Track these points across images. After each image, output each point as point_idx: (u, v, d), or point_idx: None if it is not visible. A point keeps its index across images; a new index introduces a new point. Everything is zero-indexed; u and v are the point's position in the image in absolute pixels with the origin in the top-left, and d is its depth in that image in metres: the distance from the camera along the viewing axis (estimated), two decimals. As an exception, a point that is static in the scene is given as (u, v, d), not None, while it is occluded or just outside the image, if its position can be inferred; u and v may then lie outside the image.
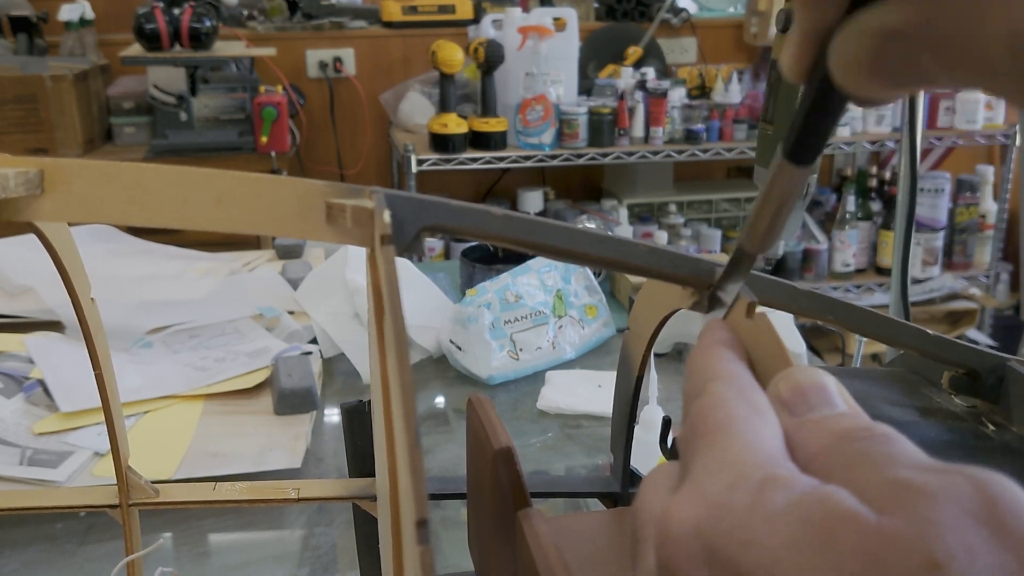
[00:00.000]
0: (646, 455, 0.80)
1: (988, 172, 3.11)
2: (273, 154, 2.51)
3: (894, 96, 0.25)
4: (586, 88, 2.81)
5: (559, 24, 2.64)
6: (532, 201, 2.92)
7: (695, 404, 0.27)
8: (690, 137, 2.71)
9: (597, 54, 2.98)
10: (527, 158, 2.63)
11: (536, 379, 1.13)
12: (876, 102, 0.25)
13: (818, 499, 0.22)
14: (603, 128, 2.64)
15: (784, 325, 1.12)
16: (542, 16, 2.65)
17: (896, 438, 0.24)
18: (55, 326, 1.18)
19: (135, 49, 2.45)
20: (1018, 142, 2.89)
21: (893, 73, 0.23)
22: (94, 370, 0.49)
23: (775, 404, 0.27)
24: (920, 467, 0.22)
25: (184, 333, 1.17)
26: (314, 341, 1.19)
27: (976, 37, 0.21)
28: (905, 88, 0.24)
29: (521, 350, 1.14)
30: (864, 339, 0.76)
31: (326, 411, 1.06)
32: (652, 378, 0.91)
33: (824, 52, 0.25)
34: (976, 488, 0.21)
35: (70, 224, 0.43)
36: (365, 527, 0.62)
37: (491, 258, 1.38)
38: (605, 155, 2.67)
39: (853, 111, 2.79)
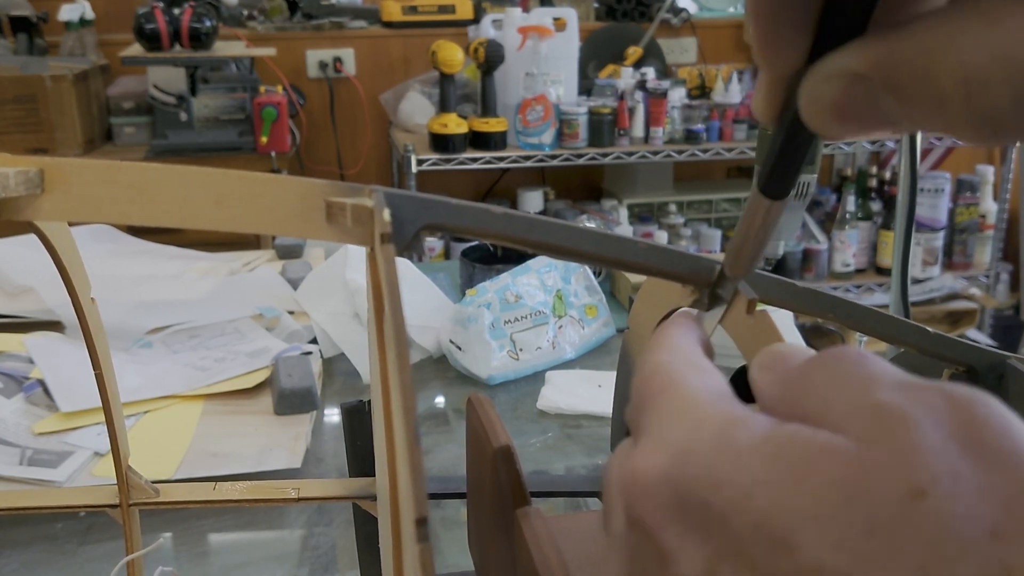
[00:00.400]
0: (646, 455, 0.79)
1: (988, 172, 3.11)
2: (273, 154, 2.51)
3: (861, 137, 0.26)
4: (586, 88, 2.82)
5: (559, 24, 2.64)
6: (532, 201, 2.92)
7: (637, 375, 0.27)
8: (690, 137, 2.71)
9: (597, 54, 2.98)
10: (527, 158, 2.64)
11: (536, 379, 1.13)
12: (843, 138, 0.26)
13: (788, 435, 0.22)
14: (603, 128, 2.64)
15: (784, 323, 1.12)
16: (542, 16, 2.65)
17: (870, 357, 0.23)
18: (55, 326, 1.18)
19: (135, 49, 2.45)
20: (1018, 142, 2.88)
21: (858, 115, 0.24)
22: (94, 370, 0.49)
23: (758, 371, 0.27)
24: (899, 387, 0.22)
25: (184, 333, 1.17)
26: (314, 341, 1.19)
27: (931, 79, 0.22)
28: (870, 130, 0.25)
29: (521, 350, 1.14)
30: (864, 338, 0.77)
31: (326, 411, 1.06)
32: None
33: (793, 93, 0.25)
34: (958, 408, 0.21)
35: (70, 224, 0.43)
36: (365, 527, 0.62)
37: (491, 258, 1.38)
38: (605, 155, 2.67)
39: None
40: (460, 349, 1.14)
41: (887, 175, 3.09)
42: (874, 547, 0.20)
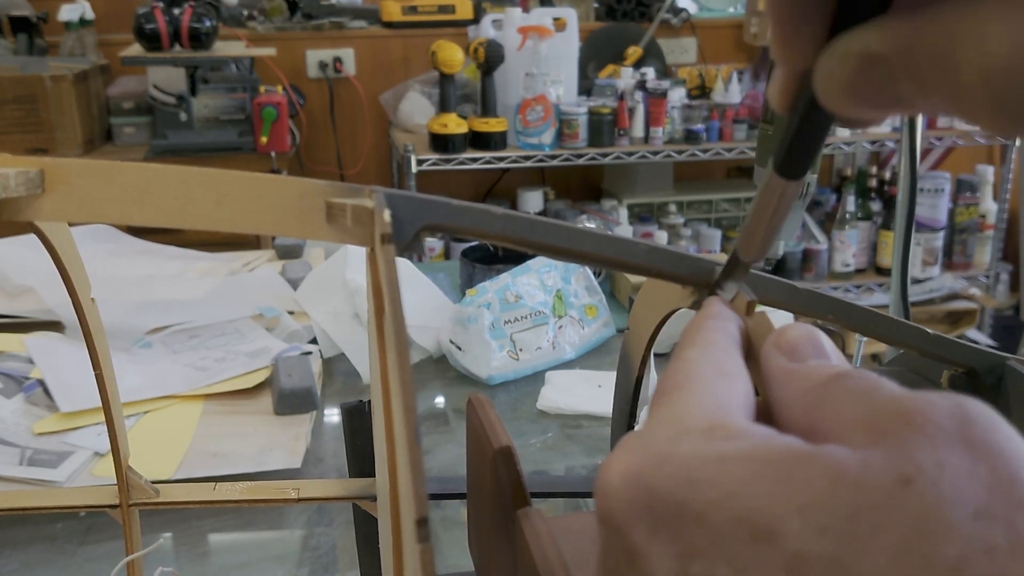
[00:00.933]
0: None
1: (988, 172, 3.11)
2: (273, 154, 2.51)
3: (876, 117, 0.25)
4: (586, 88, 2.81)
5: (559, 24, 2.64)
6: (532, 201, 2.92)
7: (667, 366, 0.28)
8: (690, 137, 2.71)
9: (597, 54, 2.98)
10: (527, 158, 2.64)
11: (536, 379, 1.13)
12: (859, 123, 0.26)
13: (783, 445, 0.22)
14: (603, 128, 2.64)
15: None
16: (542, 16, 2.65)
17: (870, 375, 0.24)
18: (55, 326, 1.18)
19: (135, 49, 2.45)
20: (1018, 142, 2.89)
21: (873, 95, 0.24)
22: (94, 370, 0.49)
23: (771, 351, 0.27)
24: (897, 395, 0.23)
25: (184, 333, 1.17)
26: (314, 341, 1.19)
27: (951, 65, 0.21)
28: (885, 110, 0.24)
29: (521, 350, 1.14)
30: (864, 339, 0.76)
31: (326, 411, 1.06)
32: (652, 378, 0.91)
33: (809, 81, 0.25)
34: (952, 407, 0.21)
35: (70, 224, 0.43)
36: (365, 527, 0.62)
37: (491, 258, 1.38)
38: (605, 155, 2.67)
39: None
40: (460, 349, 1.14)
41: (887, 175, 3.09)
42: (857, 530, 0.20)
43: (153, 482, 0.55)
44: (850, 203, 2.98)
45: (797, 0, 0.24)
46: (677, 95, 2.72)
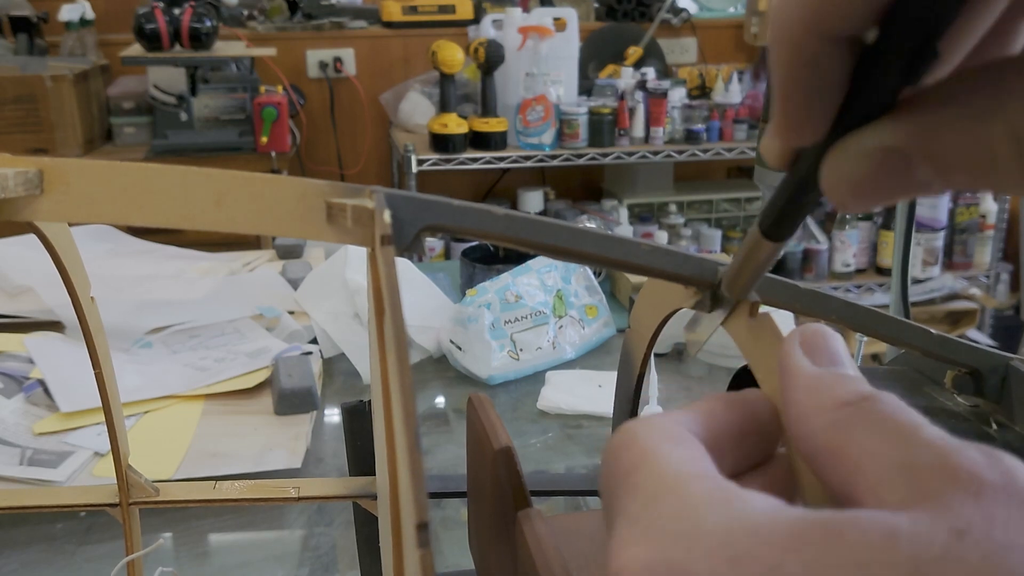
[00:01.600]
0: (647, 455, 0.79)
1: (988, 172, 3.10)
2: (273, 154, 2.51)
3: (882, 206, 0.25)
4: (586, 88, 2.81)
5: (559, 24, 2.64)
6: (532, 201, 2.92)
7: (607, 446, 0.25)
8: (690, 137, 2.71)
9: (597, 54, 2.98)
10: (527, 158, 2.63)
11: (536, 379, 1.13)
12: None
13: (814, 515, 0.21)
14: (603, 128, 2.64)
15: (786, 325, 1.11)
16: (542, 16, 2.65)
17: (902, 406, 0.23)
18: (55, 326, 1.18)
19: (135, 49, 2.45)
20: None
21: (888, 188, 0.24)
22: (94, 370, 0.49)
23: (792, 347, 0.26)
24: (937, 443, 0.22)
25: (184, 333, 1.17)
26: (314, 341, 1.19)
27: (979, 144, 0.22)
28: (897, 200, 0.24)
29: (521, 350, 1.14)
30: (865, 339, 0.76)
31: (326, 411, 1.06)
32: (652, 378, 0.90)
33: (805, 152, 0.25)
34: (993, 461, 0.21)
35: (70, 224, 0.43)
36: (365, 527, 0.62)
37: (491, 258, 1.38)
38: (605, 155, 2.67)
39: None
40: (460, 349, 1.13)
41: (887, 175, 3.09)
42: None
43: (153, 482, 0.55)
44: (850, 203, 2.98)
45: (811, 87, 0.24)
46: (677, 95, 2.72)
